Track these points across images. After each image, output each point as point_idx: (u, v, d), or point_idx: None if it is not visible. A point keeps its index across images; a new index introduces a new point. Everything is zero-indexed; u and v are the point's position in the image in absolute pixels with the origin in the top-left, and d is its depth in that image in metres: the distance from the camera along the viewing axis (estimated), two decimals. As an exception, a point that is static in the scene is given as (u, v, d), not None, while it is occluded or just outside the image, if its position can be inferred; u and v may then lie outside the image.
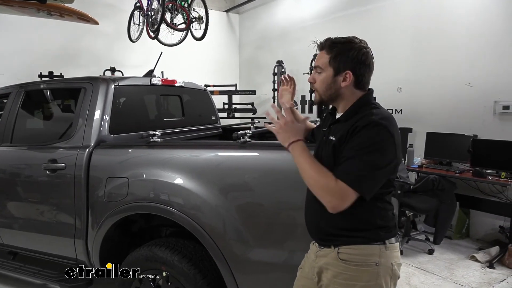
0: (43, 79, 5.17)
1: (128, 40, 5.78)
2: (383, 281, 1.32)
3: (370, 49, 1.40)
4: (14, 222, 2.65)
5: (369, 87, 1.44)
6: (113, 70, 5.85)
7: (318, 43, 1.44)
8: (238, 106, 6.82)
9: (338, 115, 1.44)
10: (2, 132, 2.75)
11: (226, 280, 1.89)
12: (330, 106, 1.52)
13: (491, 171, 3.81)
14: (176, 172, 2.00)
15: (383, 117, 1.30)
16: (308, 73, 5.72)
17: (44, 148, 2.53)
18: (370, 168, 1.25)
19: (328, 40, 1.41)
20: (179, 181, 1.97)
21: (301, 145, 1.38)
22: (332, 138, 1.37)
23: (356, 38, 1.40)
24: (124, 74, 5.68)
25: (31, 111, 2.91)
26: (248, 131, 1.96)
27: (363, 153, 1.25)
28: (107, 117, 2.41)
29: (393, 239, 1.37)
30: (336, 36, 1.43)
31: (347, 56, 1.35)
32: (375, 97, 4.98)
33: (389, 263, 1.34)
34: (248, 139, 1.94)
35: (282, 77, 1.94)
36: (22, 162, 2.62)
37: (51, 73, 5.41)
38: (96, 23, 5.05)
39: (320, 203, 1.31)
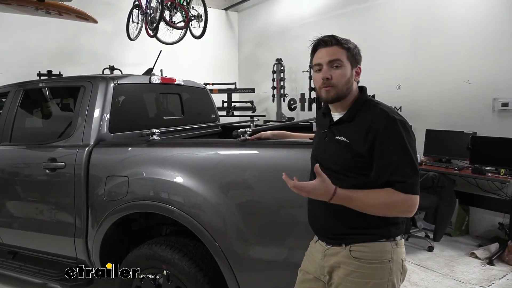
0: (42, 77, 5.16)
1: (127, 38, 5.76)
2: (394, 277, 1.34)
3: None
4: (13, 221, 2.64)
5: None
6: (112, 68, 5.84)
7: (328, 39, 1.40)
8: (237, 104, 6.81)
9: (334, 115, 1.45)
10: (1, 131, 2.74)
11: (227, 278, 1.89)
12: (323, 104, 1.54)
13: (490, 168, 3.81)
14: (176, 171, 2.00)
15: (395, 112, 1.35)
16: (307, 71, 5.72)
17: (43, 147, 2.52)
18: (416, 167, 1.29)
19: (335, 36, 1.41)
20: (179, 179, 1.97)
21: (342, 193, 1.29)
22: (341, 138, 1.36)
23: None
24: (123, 73, 5.68)
25: (30, 110, 2.90)
26: (248, 129, 1.96)
27: (405, 156, 1.28)
28: (107, 116, 2.41)
29: (401, 235, 1.40)
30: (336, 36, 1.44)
31: (357, 52, 1.42)
32: (373, 95, 4.98)
33: (400, 259, 1.37)
34: (248, 137, 1.94)
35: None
36: (21, 161, 2.61)
37: (49, 71, 5.39)
38: (95, 21, 5.03)
39: (326, 203, 1.30)
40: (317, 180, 1.29)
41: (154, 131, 2.25)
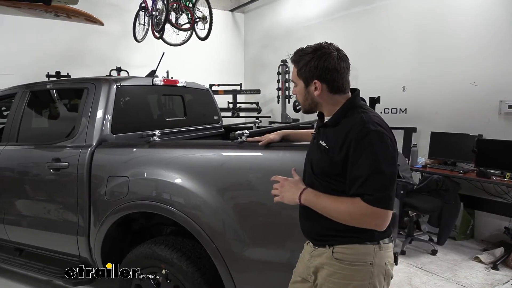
0: (50, 79, 5.25)
1: (134, 40, 5.83)
2: (376, 281, 1.34)
3: (339, 52, 1.37)
4: (19, 219, 2.71)
5: (354, 87, 1.43)
6: (119, 70, 5.93)
7: (290, 58, 1.44)
8: (242, 106, 6.84)
9: (326, 119, 1.44)
10: (9, 132, 2.81)
11: (223, 278, 1.91)
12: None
13: (496, 172, 3.77)
14: (174, 171, 2.03)
15: (374, 122, 1.29)
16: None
17: (48, 147, 2.58)
18: (389, 181, 1.25)
19: (296, 53, 1.42)
20: (177, 180, 2.00)
21: (309, 191, 1.38)
22: (322, 143, 1.38)
23: (323, 43, 1.39)
24: (130, 74, 5.75)
25: (36, 110, 2.97)
26: (246, 131, 1.97)
27: (375, 169, 1.23)
28: (109, 117, 2.45)
29: (386, 239, 1.38)
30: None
31: (310, 67, 1.36)
32: (378, 97, 4.93)
33: (383, 263, 1.35)
34: (245, 139, 1.95)
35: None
36: (27, 161, 2.67)
37: (58, 73, 5.49)
38: (102, 23, 5.11)
39: None
40: (291, 178, 1.46)
41: (155, 132, 2.28)
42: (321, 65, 1.35)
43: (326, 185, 1.36)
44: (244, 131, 1.97)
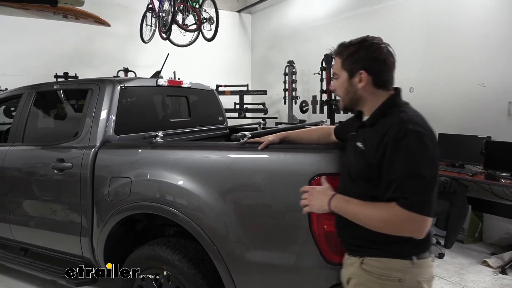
0: (58, 79, 5.31)
1: (141, 41, 5.87)
2: None
3: (387, 45, 1.34)
4: (24, 219, 2.73)
5: (395, 86, 1.37)
6: (126, 70, 5.97)
7: (333, 51, 1.42)
8: (249, 106, 6.83)
9: (365, 118, 1.39)
10: (15, 132, 2.84)
11: (224, 280, 1.90)
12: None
13: (505, 174, 3.70)
14: (176, 173, 2.02)
15: (413, 122, 1.22)
16: (318, 73, 5.69)
17: (52, 147, 2.60)
18: (427, 185, 1.17)
19: (340, 45, 1.39)
20: (178, 181, 1.99)
21: (339, 197, 1.32)
22: (359, 145, 1.32)
23: (369, 36, 1.36)
24: (137, 75, 5.79)
25: (41, 111, 3.00)
26: (248, 132, 1.96)
27: (412, 171, 1.16)
28: (113, 118, 2.46)
29: (423, 254, 1.28)
30: (350, 39, 1.40)
31: (357, 56, 1.32)
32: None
33: (415, 281, 1.25)
34: (247, 141, 1.94)
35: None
36: (31, 161, 2.70)
37: (66, 73, 5.55)
38: (108, 25, 5.15)
39: None
40: (320, 187, 1.42)
41: (157, 133, 2.28)
42: (369, 55, 1.31)
43: (363, 191, 1.29)
44: (246, 132, 1.95)
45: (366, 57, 1.31)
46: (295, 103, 6.36)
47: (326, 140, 1.78)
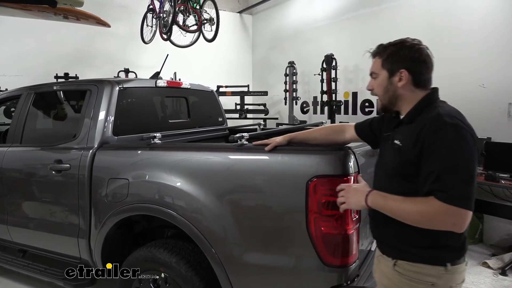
0: (58, 80, 5.32)
1: (141, 41, 5.87)
2: None
3: (425, 47, 1.37)
4: (21, 220, 2.73)
5: (433, 85, 1.39)
6: (127, 71, 5.97)
7: (371, 52, 1.43)
8: (250, 107, 6.83)
9: (401, 117, 1.40)
10: (13, 133, 2.84)
11: (222, 282, 1.89)
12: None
13: (505, 175, 3.68)
14: (175, 174, 2.01)
15: (451, 115, 1.21)
16: (319, 74, 5.68)
17: (51, 148, 2.59)
18: (466, 178, 1.15)
19: (380, 45, 1.42)
20: (176, 183, 1.99)
21: (376, 193, 1.33)
22: (397, 142, 1.32)
23: (409, 38, 1.40)
24: (138, 75, 5.79)
25: (40, 112, 2.99)
26: (246, 134, 1.95)
27: (450, 164, 1.15)
28: (111, 119, 2.45)
29: (458, 261, 1.27)
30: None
31: (399, 56, 1.35)
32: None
33: (448, 286, 1.25)
34: (245, 142, 1.93)
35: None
36: (30, 162, 2.69)
37: (66, 74, 5.55)
38: (108, 25, 5.15)
39: (377, 211, 1.31)
40: (356, 184, 1.46)
41: (155, 134, 2.27)
42: (411, 55, 1.34)
43: (399, 189, 1.28)
44: (244, 134, 1.94)
45: (408, 57, 1.34)
46: (296, 104, 6.35)
47: (336, 139, 1.75)
